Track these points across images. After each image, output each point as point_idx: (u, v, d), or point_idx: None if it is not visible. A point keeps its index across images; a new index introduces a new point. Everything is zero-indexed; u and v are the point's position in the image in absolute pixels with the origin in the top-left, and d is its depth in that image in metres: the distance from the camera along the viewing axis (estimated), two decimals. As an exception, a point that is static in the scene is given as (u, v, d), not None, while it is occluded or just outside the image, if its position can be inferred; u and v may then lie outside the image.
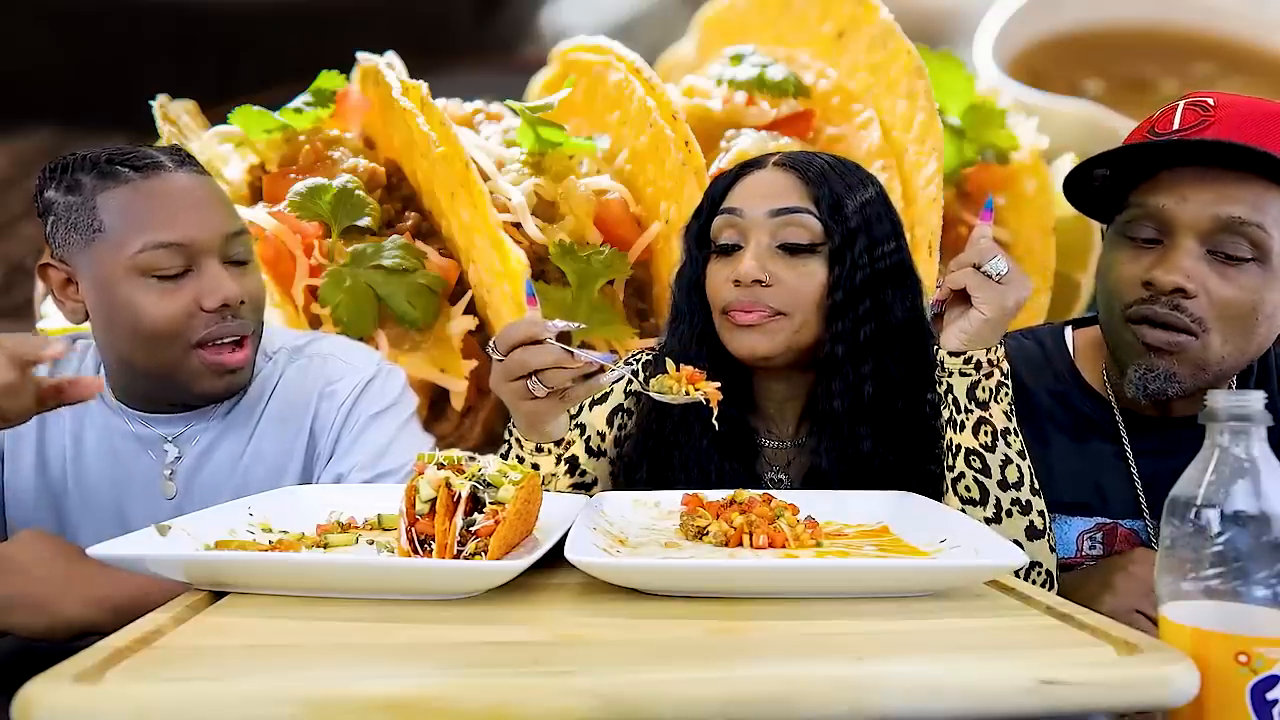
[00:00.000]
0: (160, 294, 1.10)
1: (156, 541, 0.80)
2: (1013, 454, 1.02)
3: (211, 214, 1.13)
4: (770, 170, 1.15)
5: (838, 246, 1.11)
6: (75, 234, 1.10)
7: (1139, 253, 1.08)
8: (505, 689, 0.55)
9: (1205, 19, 2.76)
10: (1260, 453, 0.62)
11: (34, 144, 2.57)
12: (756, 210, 1.12)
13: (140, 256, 1.08)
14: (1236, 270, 1.03)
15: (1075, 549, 1.17)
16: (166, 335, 1.11)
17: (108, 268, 1.09)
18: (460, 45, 2.72)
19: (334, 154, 2.06)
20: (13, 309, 2.49)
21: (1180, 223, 1.04)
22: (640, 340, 2.00)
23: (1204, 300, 1.03)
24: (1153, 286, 1.05)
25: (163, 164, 1.12)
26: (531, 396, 0.95)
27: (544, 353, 0.93)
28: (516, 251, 1.89)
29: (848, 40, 2.22)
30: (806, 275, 1.11)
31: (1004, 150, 2.40)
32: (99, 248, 1.10)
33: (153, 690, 0.54)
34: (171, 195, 1.11)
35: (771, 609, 0.71)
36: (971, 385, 1.02)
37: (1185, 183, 1.04)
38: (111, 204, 1.09)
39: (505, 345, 0.95)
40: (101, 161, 1.11)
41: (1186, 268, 1.03)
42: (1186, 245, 1.04)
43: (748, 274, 1.09)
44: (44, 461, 1.22)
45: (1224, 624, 0.60)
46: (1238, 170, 1.02)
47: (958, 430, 1.02)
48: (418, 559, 0.77)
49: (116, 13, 2.60)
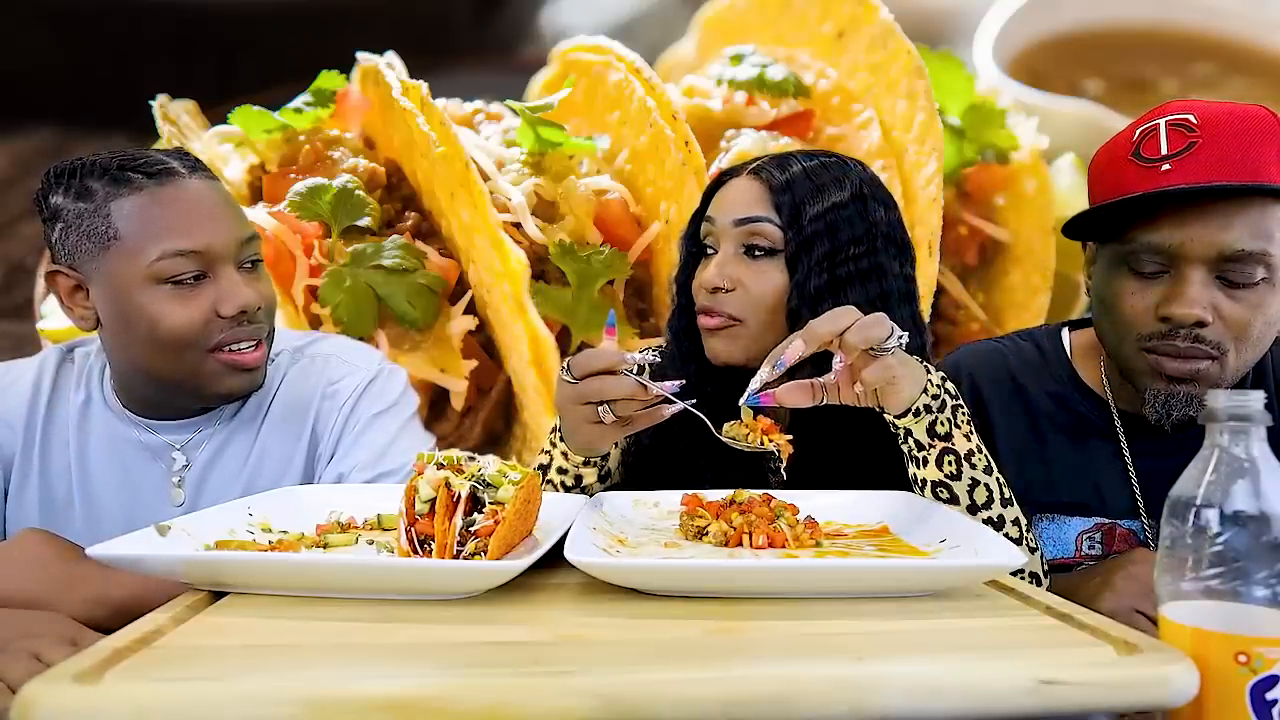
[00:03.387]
0: (178, 301, 1.09)
1: (156, 542, 0.80)
2: (979, 474, 1.01)
3: (226, 220, 1.13)
4: (744, 179, 1.17)
5: (793, 253, 1.12)
6: (87, 241, 1.10)
7: (1146, 284, 1.08)
8: (505, 689, 0.55)
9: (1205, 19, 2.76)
10: (1260, 453, 0.61)
11: (34, 144, 2.57)
12: (724, 218, 1.16)
13: (158, 264, 1.08)
14: (1245, 291, 1.04)
15: (1074, 549, 1.17)
16: (185, 342, 1.11)
17: (124, 275, 1.09)
18: (460, 45, 2.72)
19: (334, 154, 2.06)
20: (13, 309, 2.49)
21: (1187, 256, 1.04)
22: (640, 340, 2.00)
23: (1219, 326, 1.05)
24: (1170, 320, 1.05)
25: (176, 170, 1.12)
26: (598, 421, 0.97)
27: (620, 384, 0.95)
28: (516, 251, 1.89)
29: (848, 40, 2.22)
30: (766, 280, 1.13)
31: (1004, 150, 2.40)
32: (114, 255, 1.09)
33: (153, 690, 0.54)
34: (187, 202, 1.11)
35: (771, 609, 0.71)
36: (930, 424, 1.00)
37: (1187, 216, 1.04)
38: (126, 211, 1.09)
39: (582, 371, 0.96)
40: (113, 168, 1.10)
41: (1201, 300, 1.04)
42: (1196, 276, 1.04)
43: (708, 281, 1.14)
44: (48, 483, 1.21)
45: (1224, 624, 0.60)
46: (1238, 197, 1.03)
47: (921, 466, 1.01)
48: (417, 559, 0.77)
49: (116, 13, 2.60)
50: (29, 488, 1.21)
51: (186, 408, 1.21)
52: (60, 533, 0.99)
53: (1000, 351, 1.28)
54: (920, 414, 0.99)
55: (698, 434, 1.08)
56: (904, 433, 1.01)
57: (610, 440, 1.01)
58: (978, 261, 2.38)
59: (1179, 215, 1.04)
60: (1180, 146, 1.04)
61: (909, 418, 0.99)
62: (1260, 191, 1.02)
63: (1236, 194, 1.02)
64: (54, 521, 1.19)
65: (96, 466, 1.21)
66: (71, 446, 1.21)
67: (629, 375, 0.95)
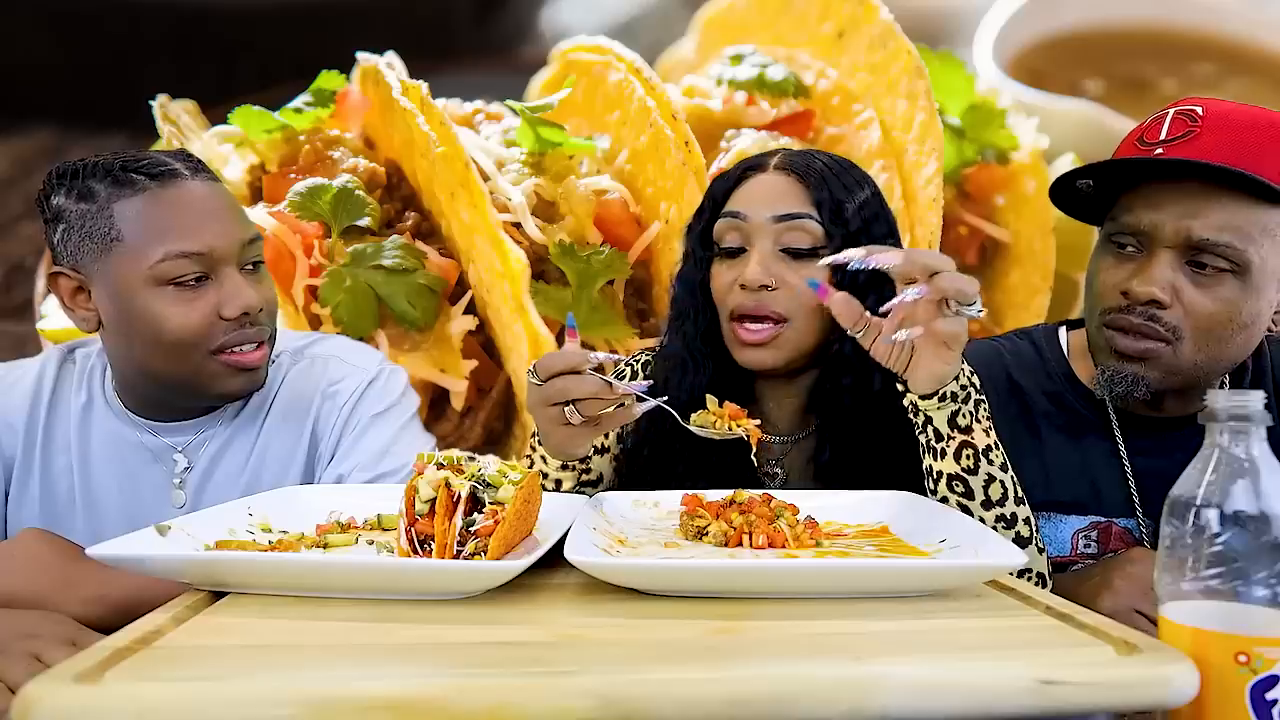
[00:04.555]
0: (181, 302, 1.10)
1: (156, 542, 0.80)
2: (995, 470, 1.00)
3: (229, 222, 1.14)
4: (772, 174, 1.16)
5: (839, 250, 1.11)
6: (89, 242, 1.10)
7: (1121, 261, 1.10)
8: (505, 689, 0.55)
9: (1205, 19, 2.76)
10: (1260, 453, 0.62)
11: (34, 144, 2.57)
12: (760, 214, 1.13)
13: (161, 266, 1.09)
14: (1213, 281, 1.05)
15: (1070, 547, 1.18)
16: (187, 343, 1.11)
17: (127, 277, 1.09)
18: (460, 45, 2.72)
19: (334, 154, 2.06)
20: (13, 309, 2.48)
21: (1157, 237, 1.07)
22: (640, 340, 2.00)
23: (1178, 310, 1.06)
24: (1129, 296, 1.07)
25: (179, 171, 1.13)
26: (567, 422, 0.96)
27: (584, 382, 0.94)
28: (516, 251, 1.88)
29: (848, 40, 2.22)
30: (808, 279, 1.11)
31: (1004, 150, 2.40)
32: (117, 257, 1.09)
33: (153, 690, 0.54)
34: (190, 204, 1.11)
35: (771, 609, 0.71)
36: (952, 414, 1.00)
37: (1163, 198, 1.06)
38: (129, 213, 1.09)
39: (545, 373, 0.96)
40: (116, 169, 1.11)
41: (1162, 280, 1.05)
42: (1163, 258, 1.06)
43: (754, 279, 1.11)
44: (50, 484, 1.22)
45: (1224, 624, 0.60)
46: (1216, 185, 1.03)
47: (938, 458, 1.01)
48: (417, 559, 0.77)
49: (116, 13, 2.60)
50: (30, 488, 1.21)
51: (188, 408, 1.21)
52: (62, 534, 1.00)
53: (997, 350, 1.28)
54: (945, 400, 0.98)
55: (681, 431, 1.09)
56: (924, 421, 1.01)
57: (582, 442, 0.99)
58: (978, 261, 2.37)
59: (1156, 198, 1.07)
60: (1179, 133, 1.06)
61: (933, 401, 0.98)
62: (1233, 180, 1.02)
63: (1208, 176, 1.03)
64: (55, 522, 1.19)
65: (98, 468, 1.21)
66: (73, 448, 1.21)
67: (593, 374, 0.95)
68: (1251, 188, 1.02)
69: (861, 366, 1.11)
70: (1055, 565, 1.16)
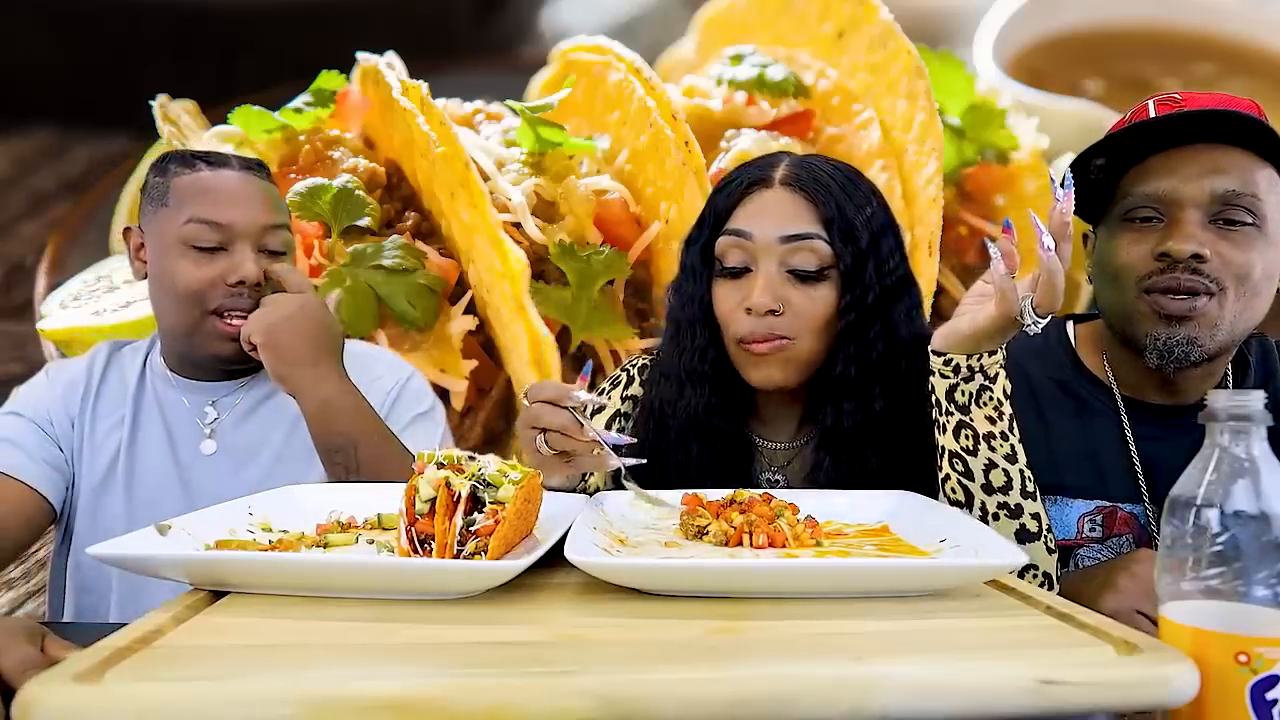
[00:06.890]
0: (195, 263, 1.25)
1: (156, 541, 0.80)
2: (998, 458, 1.00)
3: (253, 206, 1.28)
4: (778, 190, 1.12)
5: (849, 270, 1.09)
6: (150, 205, 1.30)
7: (1143, 231, 1.12)
8: (505, 689, 0.55)
9: (1205, 19, 2.76)
10: (1260, 453, 0.61)
11: (34, 144, 2.57)
12: (766, 234, 1.10)
13: (186, 228, 1.25)
14: (1238, 235, 1.08)
15: (1075, 530, 1.19)
16: (190, 299, 1.25)
17: (163, 234, 1.27)
18: (460, 45, 2.72)
19: (334, 154, 2.06)
20: (13, 309, 2.48)
21: (1181, 199, 1.09)
22: (640, 341, 2.00)
23: (1218, 262, 1.08)
24: (1168, 257, 1.09)
25: (230, 163, 1.32)
26: (538, 451, 0.97)
27: (556, 415, 0.94)
28: (516, 251, 1.89)
29: (848, 40, 2.22)
30: (817, 300, 1.10)
31: (1004, 150, 2.40)
32: (160, 216, 1.28)
33: (153, 690, 0.54)
34: (224, 186, 1.28)
35: (771, 609, 0.71)
36: (950, 387, 1.00)
37: (1178, 162, 1.10)
38: (180, 185, 1.28)
39: (533, 397, 0.97)
40: (188, 156, 1.31)
41: (1199, 235, 1.08)
42: (1192, 216, 1.09)
43: (761, 305, 1.08)
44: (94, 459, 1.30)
45: (1224, 624, 0.60)
46: (1224, 144, 1.08)
47: (941, 431, 1.02)
48: (418, 559, 0.77)
49: (116, 13, 2.60)
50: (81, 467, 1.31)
51: (204, 368, 1.32)
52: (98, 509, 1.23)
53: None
54: (949, 366, 1.00)
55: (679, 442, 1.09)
56: (930, 389, 1.02)
57: (552, 473, 0.97)
58: (978, 261, 2.38)
59: (1169, 162, 1.11)
60: (1164, 114, 1.11)
61: (940, 360, 1.00)
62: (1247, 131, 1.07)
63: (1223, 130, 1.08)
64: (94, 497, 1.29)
65: (145, 431, 1.32)
66: (126, 420, 1.31)
67: (568, 410, 0.94)
68: (1260, 142, 1.07)
69: (865, 391, 1.11)
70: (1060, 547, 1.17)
